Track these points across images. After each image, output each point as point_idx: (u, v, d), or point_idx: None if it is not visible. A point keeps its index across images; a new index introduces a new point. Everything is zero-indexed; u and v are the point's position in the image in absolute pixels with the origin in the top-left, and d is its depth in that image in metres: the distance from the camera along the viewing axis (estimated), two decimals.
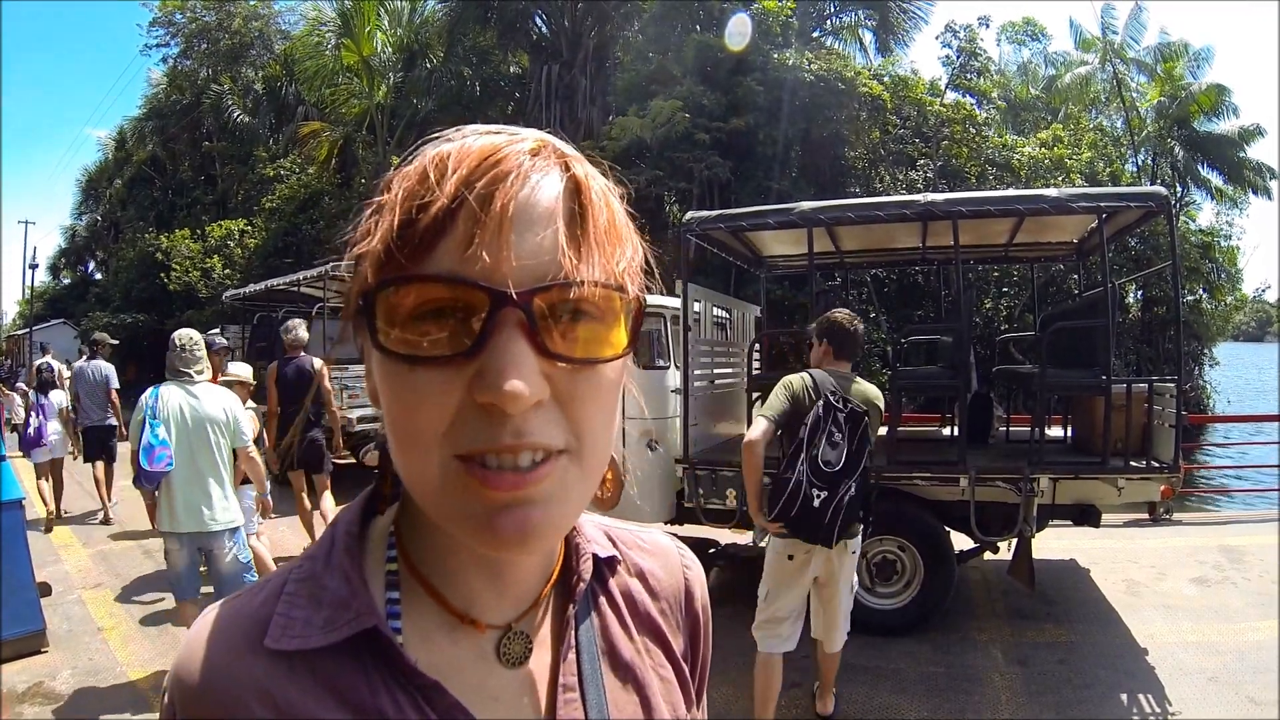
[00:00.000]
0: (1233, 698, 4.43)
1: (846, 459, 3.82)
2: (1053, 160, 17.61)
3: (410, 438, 0.54)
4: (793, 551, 3.94)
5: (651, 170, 16.05)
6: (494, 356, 0.51)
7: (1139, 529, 7.85)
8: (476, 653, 0.63)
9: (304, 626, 0.58)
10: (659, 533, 0.83)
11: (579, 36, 22.01)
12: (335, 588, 0.60)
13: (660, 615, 0.75)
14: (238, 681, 0.57)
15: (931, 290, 14.82)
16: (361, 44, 20.88)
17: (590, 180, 0.58)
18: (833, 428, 3.83)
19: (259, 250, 23.69)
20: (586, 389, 0.55)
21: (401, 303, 0.53)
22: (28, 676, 4.90)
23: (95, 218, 41.12)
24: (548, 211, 0.54)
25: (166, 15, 30.95)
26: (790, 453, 3.86)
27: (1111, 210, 5.51)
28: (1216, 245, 20.68)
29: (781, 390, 3.97)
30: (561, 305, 0.54)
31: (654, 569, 0.78)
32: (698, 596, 0.80)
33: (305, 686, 0.57)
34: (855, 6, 21.68)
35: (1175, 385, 5.20)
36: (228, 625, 0.60)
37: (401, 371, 0.53)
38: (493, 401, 0.50)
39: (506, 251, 0.52)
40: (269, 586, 0.62)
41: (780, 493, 3.80)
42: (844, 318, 4.13)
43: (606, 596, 0.72)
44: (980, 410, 6.61)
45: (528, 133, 0.59)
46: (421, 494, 0.56)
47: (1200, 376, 20.54)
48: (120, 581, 6.78)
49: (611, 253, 0.56)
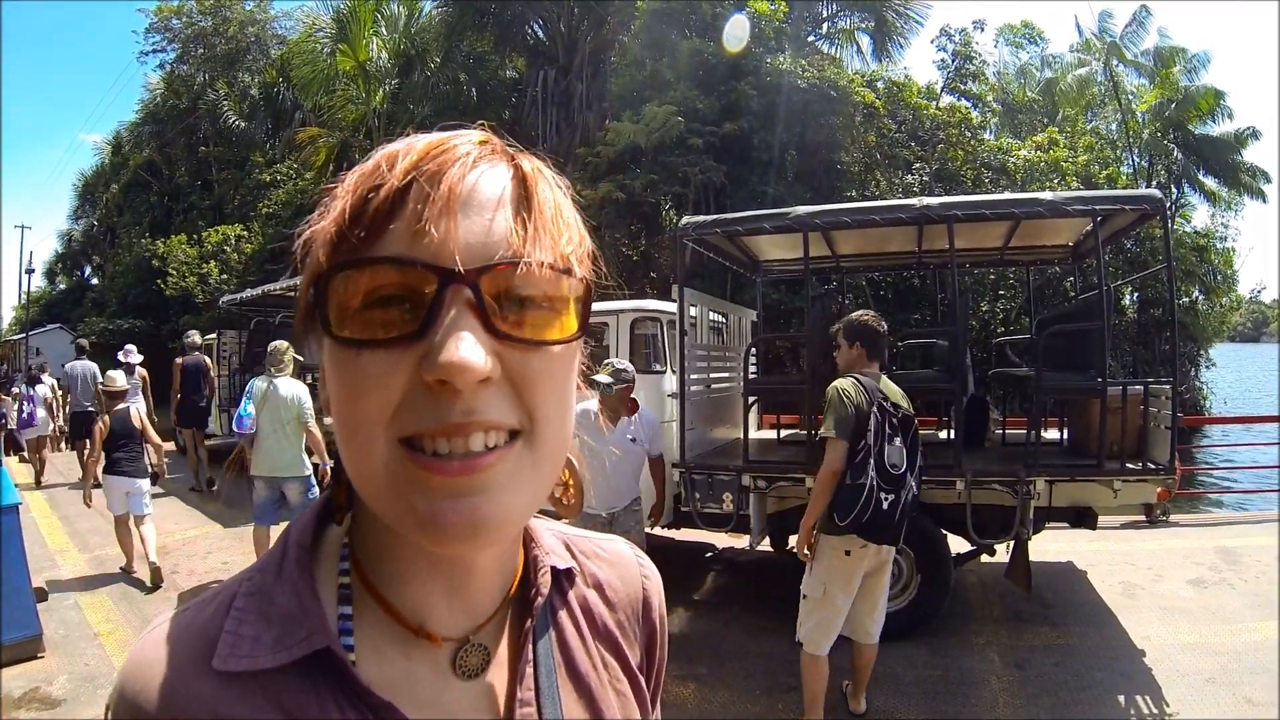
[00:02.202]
0: (1230, 698, 4.43)
1: (907, 460, 3.94)
2: (1049, 163, 17.65)
3: (354, 426, 0.54)
4: (849, 547, 3.98)
5: (647, 175, 16.07)
6: (442, 333, 0.51)
7: (1135, 531, 7.86)
8: (431, 667, 0.62)
9: (253, 645, 0.57)
10: (620, 541, 0.84)
11: (575, 42, 22.00)
12: (285, 603, 0.59)
13: (617, 627, 0.76)
14: (185, 705, 0.55)
15: (928, 293, 14.84)
16: (358, 50, 20.88)
17: (538, 171, 0.59)
18: (889, 430, 3.91)
19: (255, 255, 23.63)
20: (538, 370, 0.55)
21: (350, 288, 0.53)
22: (24, 682, 4.88)
23: (92, 222, 41.05)
24: (495, 197, 0.56)
25: (163, 21, 30.95)
26: (859, 460, 3.88)
27: (1106, 213, 5.52)
28: (1212, 247, 20.73)
29: (842, 402, 3.96)
30: (511, 291, 0.54)
31: (612, 579, 0.78)
32: (655, 606, 0.80)
33: (255, 706, 0.56)
34: (851, 10, 21.70)
35: (1171, 387, 5.21)
36: (176, 642, 0.59)
37: (349, 358, 0.53)
38: (441, 377, 0.50)
39: (455, 231, 0.53)
40: (219, 599, 0.61)
41: (855, 500, 3.84)
42: (872, 319, 4.22)
43: (565, 608, 0.72)
44: (976, 413, 6.62)
45: (476, 131, 0.60)
46: (365, 488, 0.56)
47: (1196, 378, 20.57)
48: (117, 587, 6.78)
49: (559, 237, 0.57)
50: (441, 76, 21.98)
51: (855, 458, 3.90)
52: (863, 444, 3.88)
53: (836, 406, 3.96)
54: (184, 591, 6.49)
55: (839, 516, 3.88)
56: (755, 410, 7.53)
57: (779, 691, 4.69)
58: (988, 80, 22.65)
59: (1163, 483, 5.11)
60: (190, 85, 30.61)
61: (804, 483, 5.38)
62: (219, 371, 13.36)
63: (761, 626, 5.63)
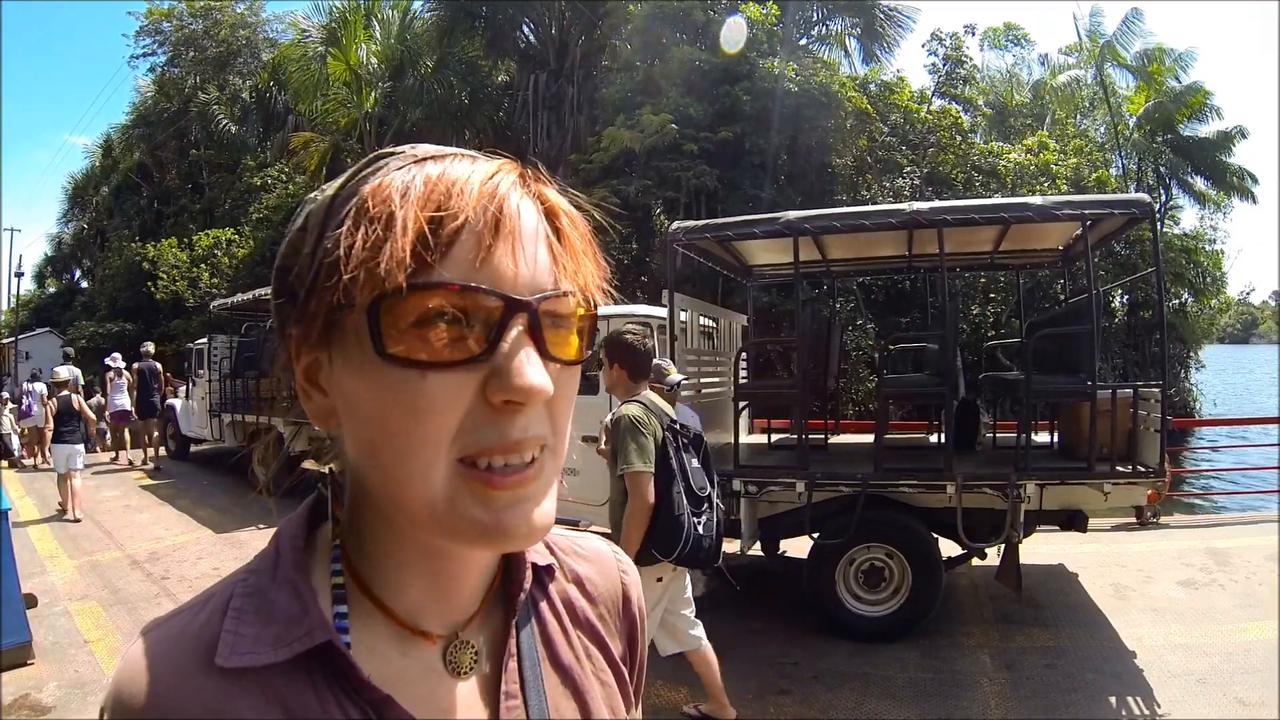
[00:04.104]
0: (1221, 699, 4.45)
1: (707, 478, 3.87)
2: (1038, 166, 17.71)
3: (414, 447, 0.55)
4: (662, 574, 3.88)
5: (640, 180, 16.08)
6: (512, 356, 0.54)
7: (1126, 533, 7.88)
8: (424, 664, 0.64)
9: (254, 643, 0.58)
10: (596, 539, 0.85)
11: (566, 46, 22.04)
12: (284, 603, 0.60)
13: (599, 620, 0.77)
14: (186, 703, 0.56)
15: (918, 297, 14.87)
16: (349, 54, 20.85)
17: (561, 204, 0.62)
18: (684, 453, 3.81)
19: (246, 260, 23.56)
20: (567, 388, 0.60)
21: (411, 310, 0.53)
22: (14, 689, 4.86)
23: (81, 226, 40.82)
24: (535, 227, 0.59)
25: (154, 24, 30.85)
26: (666, 490, 3.70)
27: (1095, 218, 5.54)
28: (1201, 249, 20.83)
29: (638, 430, 3.72)
30: (550, 315, 0.58)
31: (591, 575, 0.79)
32: (634, 599, 0.82)
33: (256, 704, 0.56)
34: (841, 14, 21.75)
35: (1160, 390, 5.24)
36: (172, 646, 0.59)
37: (410, 379, 0.54)
38: (515, 399, 0.54)
39: (517, 259, 0.56)
40: (211, 604, 0.61)
41: (676, 532, 3.67)
42: (634, 336, 4.00)
43: (546, 603, 0.74)
44: (967, 417, 6.64)
45: (505, 160, 0.62)
46: (420, 503, 0.56)
47: (1186, 380, 20.67)
48: (108, 593, 6.75)
49: (585, 267, 0.62)
50: (433, 80, 21.96)
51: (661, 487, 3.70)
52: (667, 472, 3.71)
53: (634, 436, 3.71)
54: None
55: (660, 551, 3.69)
56: (746, 415, 7.54)
57: (770, 694, 4.70)
58: (978, 84, 22.70)
59: (1153, 485, 5.14)
60: (181, 88, 30.52)
61: (795, 487, 5.41)
62: (210, 376, 13.39)
63: (752, 630, 5.63)
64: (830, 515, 5.46)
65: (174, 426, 14.87)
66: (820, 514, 5.46)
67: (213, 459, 14.28)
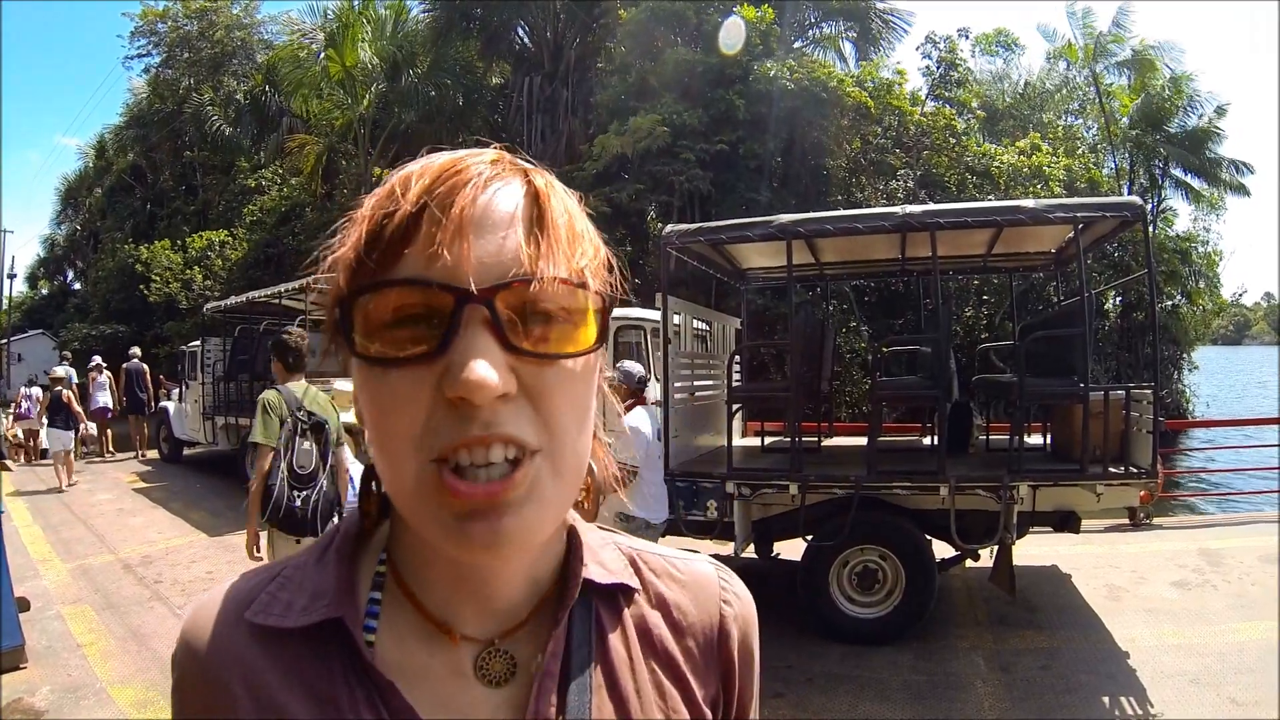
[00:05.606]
0: (1214, 699, 4.48)
1: (316, 461, 4.56)
2: (1031, 168, 17.72)
3: (388, 442, 0.56)
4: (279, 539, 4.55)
5: (634, 185, 16.07)
6: (459, 351, 0.53)
7: (1119, 534, 7.91)
8: (452, 666, 0.63)
9: (284, 608, 0.62)
10: (704, 561, 0.77)
11: (560, 48, 22.02)
12: (320, 579, 0.64)
13: (683, 653, 0.70)
14: (223, 648, 0.62)
15: (911, 300, 14.88)
16: (345, 55, 20.80)
17: (550, 187, 0.61)
18: (300, 438, 4.52)
19: (240, 262, 23.46)
20: (554, 383, 0.57)
21: (373, 310, 0.55)
22: (7, 692, 4.84)
23: (75, 227, 40.62)
24: (508, 215, 0.57)
25: (149, 25, 30.72)
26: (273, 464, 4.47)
27: (1088, 221, 5.57)
28: (1194, 250, 20.85)
29: (266, 413, 4.49)
30: (527, 307, 0.55)
31: (681, 601, 0.72)
32: (733, 635, 0.73)
33: (273, 663, 0.61)
34: (836, 16, 21.76)
35: (1152, 391, 5.26)
36: (231, 596, 0.65)
37: (377, 376, 0.55)
38: (460, 394, 0.52)
39: (467, 252, 0.54)
40: (272, 570, 0.67)
41: (267, 498, 4.42)
42: (290, 337, 4.80)
43: (618, 628, 0.68)
44: (960, 419, 6.65)
45: (489, 151, 0.62)
46: (398, 498, 0.58)
47: (1179, 381, 20.69)
48: (100, 597, 6.73)
49: (573, 252, 0.58)
50: (428, 82, 21.92)
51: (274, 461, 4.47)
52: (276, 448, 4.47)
53: (262, 417, 4.49)
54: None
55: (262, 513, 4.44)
56: (739, 417, 7.54)
57: (764, 697, 4.68)
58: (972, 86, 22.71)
59: (1145, 486, 5.15)
60: (175, 89, 30.32)
61: (788, 489, 5.41)
62: (203, 379, 13.38)
63: None
64: (824, 517, 5.48)
65: (167, 429, 14.84)
66: (814, 516, 5.47)
67: (206, 462, 14.24)
